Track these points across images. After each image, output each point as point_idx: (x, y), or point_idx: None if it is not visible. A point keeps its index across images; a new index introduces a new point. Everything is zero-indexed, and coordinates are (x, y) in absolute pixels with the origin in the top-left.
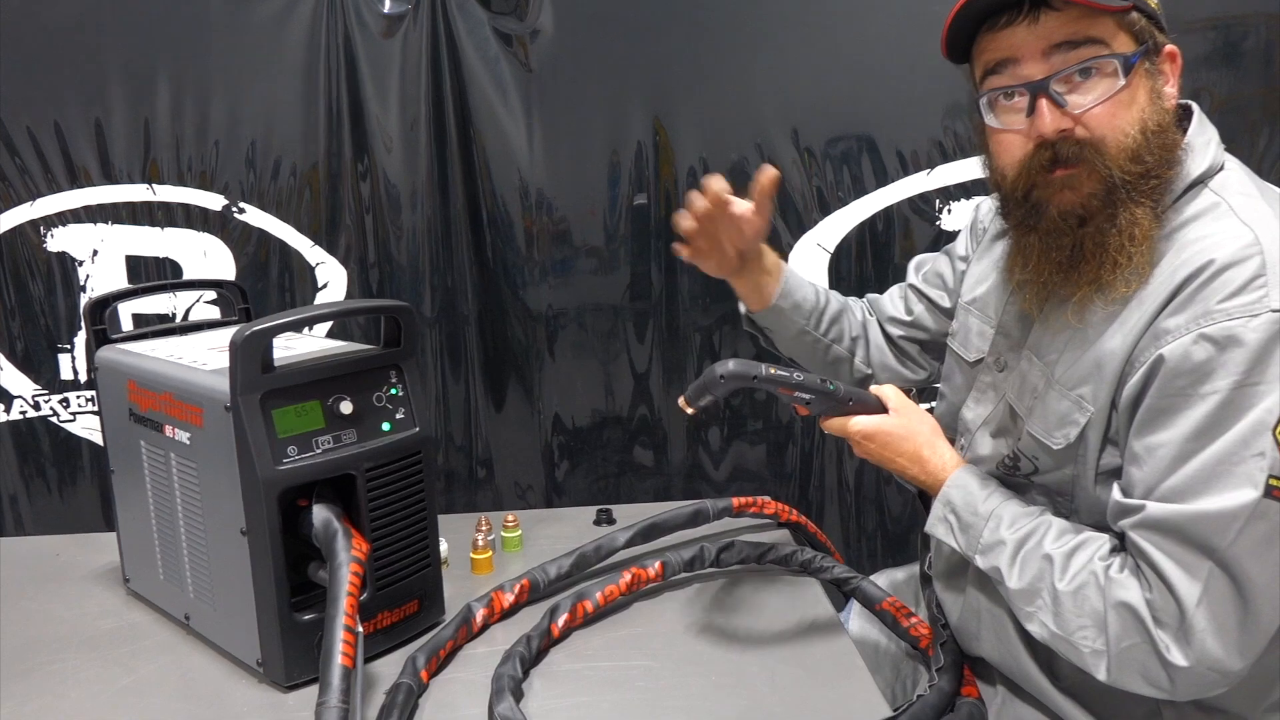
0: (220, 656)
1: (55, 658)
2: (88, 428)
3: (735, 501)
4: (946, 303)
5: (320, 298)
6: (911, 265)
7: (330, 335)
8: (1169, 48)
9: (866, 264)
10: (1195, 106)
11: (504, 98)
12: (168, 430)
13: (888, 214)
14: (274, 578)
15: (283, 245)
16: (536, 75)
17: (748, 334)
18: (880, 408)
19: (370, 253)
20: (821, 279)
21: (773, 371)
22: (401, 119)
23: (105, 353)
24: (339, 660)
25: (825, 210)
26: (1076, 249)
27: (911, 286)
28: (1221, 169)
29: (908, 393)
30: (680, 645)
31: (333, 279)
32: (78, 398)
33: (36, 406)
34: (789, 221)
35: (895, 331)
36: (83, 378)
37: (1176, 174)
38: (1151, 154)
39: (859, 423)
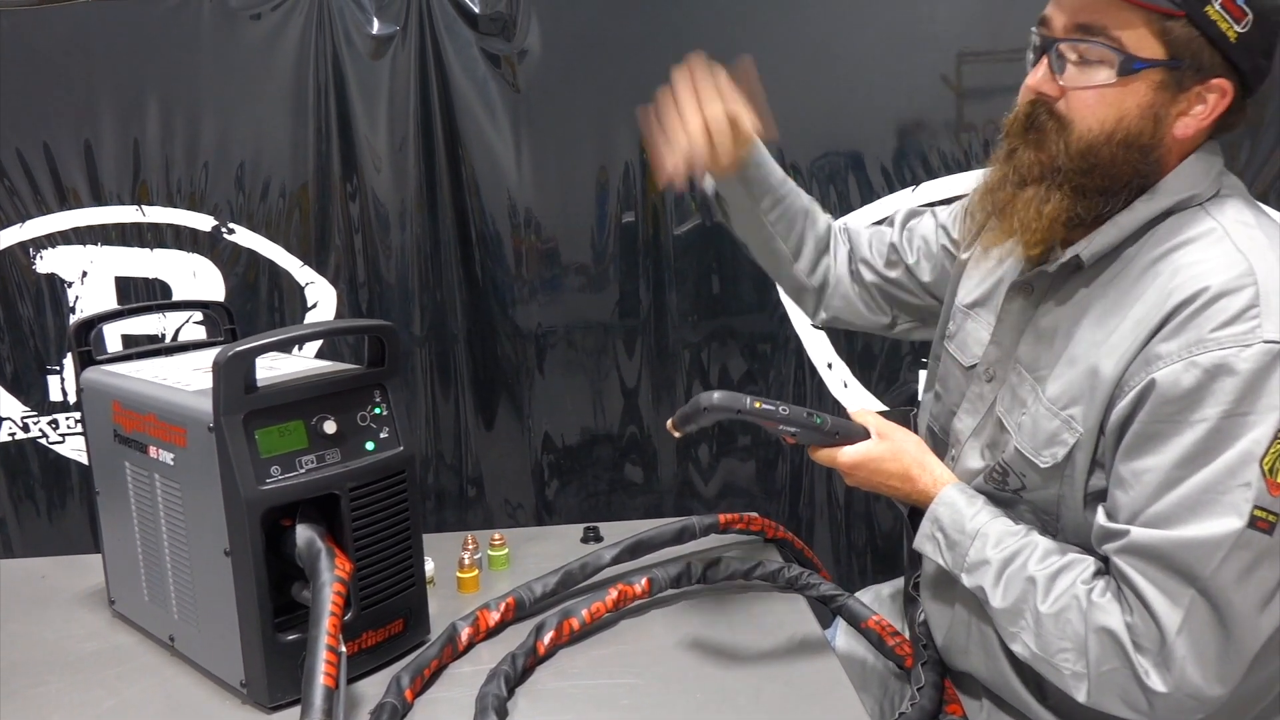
0: (204, 678)
1: (39, 681)
2: (77, 449)
3: (722, 518)
4: (926, 275)
5: (310, 317)
6: (898, 219)
7: (319, 355)
8: (1219, 81)
9: None
10: (1217, 146)
11: (492, 117)
12: (152, 451)
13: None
14: (257, 598)
15: (272, 265)
16: (524, 95)
17: (741, 351)
18: (865, 435)
19: (359, 272)
20: None
21: (757, 405)
22: (390, 139)
23: (90, 374)
24: (321, 681)
25: None
26: (1009, 202)
27: (894, 245)
28: (1217, 195)
29: (904, 420)
30: (666, 663)
31: (322, 299)
32: (67, 419)
33: (25, 428)
34: None
35: (865, 273)
36: (72, 399)
37: (1132, 192)
38: (1104, 159)
39: (847, 453)
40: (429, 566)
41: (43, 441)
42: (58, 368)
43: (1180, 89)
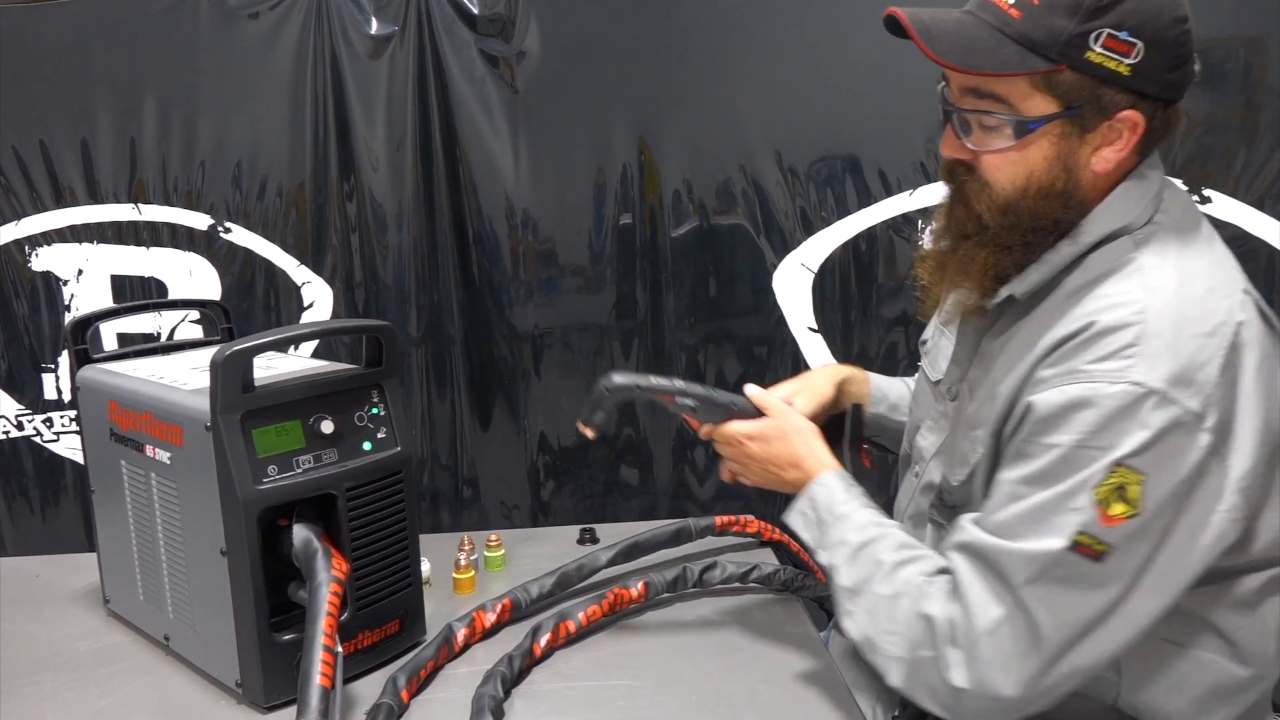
0: (199, 678)
1: (32, 680)
2: (71, 448)
3: (718, 520)
4: None
5: (306, 317)
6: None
7: (316, 355)
8: (1127, 113)
9: (850, 284)
10: (1147, 169)
11: (490, 118)
12: (148, 450)
13: (871, 234)
14: (253, 598)
15: (268, 265)
16: (522, 96)
17: (737, 354)
18: (758, 414)
19: (356, 272)
20: (806, 299)
21: (656, 381)
22: (388, 139)
23: (86, 373)
24: (317, 681)
25: (809, 230)
26: (950, 253)
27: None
28: (1151, 222)
29: (839, 426)
30: (662, 665)
31: (318, 298)
32: (61, 418)
33: (20, 426)
34: (773, 241)
35: None
36: (66, 397)
37: (1061, 235)
38: (1025, 213)
39: (737, 426)
40: (425, 567)
41: (37, 440)
42: (52, 366)
43: (1086, 130)
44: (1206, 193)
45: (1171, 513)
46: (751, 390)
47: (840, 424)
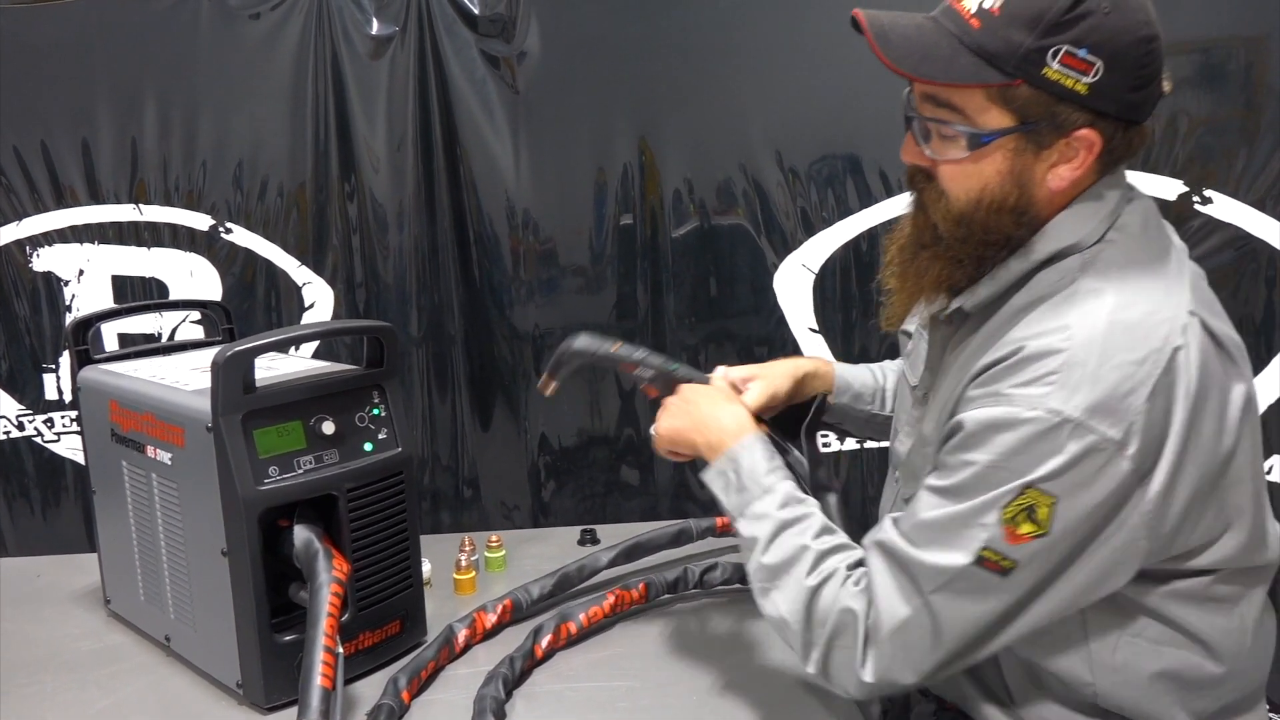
0: (200, 678)
1: (33, 680)
2: (71, 448)
3: (719, 521)
4: None
5: (307, 317)
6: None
7: (316, 355)
8: (1084, 132)
9: (851, 284)
10: (1106, 188)
11: (491, 119)
12: (149, 451)
13: (872, 234)
14: (254, 598)
15: (269, 265)
16: (523, 96)
17: (738, 353)
18: None
19: (357, 272)
20: (807, 299)
21: (617, 350)
22: (389, 139)
23: (88, 373)
24: (318, 681)
25: (810, 231)
26: (910, 261)
27: None
28: (1101, 240)
29: (805, 408)
30: (663, 666)
31: (319, 299)
32: (62, 418)
33: (20, 427)
34: (774, 242)
35: None
36: (67, 398)
37: (1012, 254)
38: (977, 226)
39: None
40: (426, 568)
41: (38, 440)
42: (53, 366)
43: (1042, 146)
44: (1207, 193)
45: (1083, 533)
46: (720, 371)
47: (797, 413)
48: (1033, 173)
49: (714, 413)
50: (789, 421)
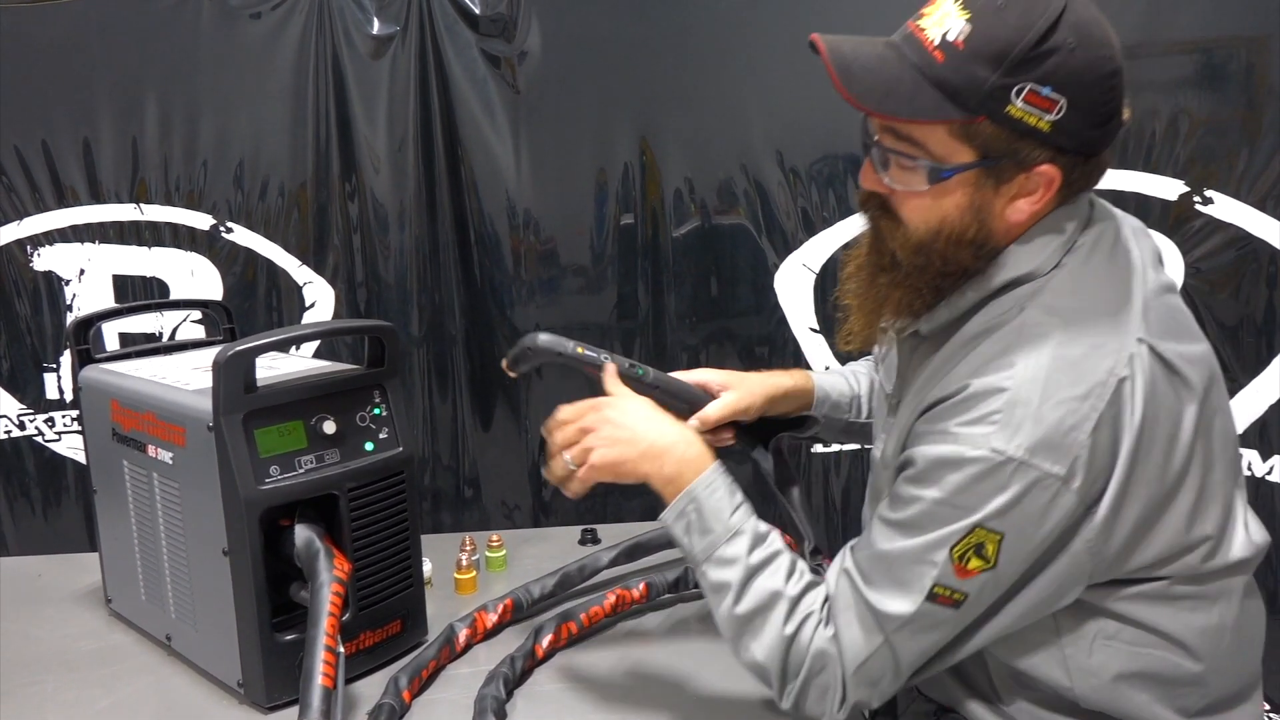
0: (201, 678)
1: (34, 680)
2: (73, 447)
3: None
4: None
5: (308, 317)
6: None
7: (317, 355)
8: (1045, 168)
9: None
10: (1064, 218)
11: (491, 118)
12: (150, 450)
13: None
14: (255, 598)
15: (270, 265)
16: (524, 96)
17: (739, 353)
18: (688, 402)
19: (358, 272)
20: (807, 299)
21: (580, 351)
22: (390, 139)
23: (89, 372)
24: (319, 681)
25: (810, 231)
26: (868, 285)
27: None
28: (1059, 265)
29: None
30: (664, 665)
31: (320, 298)
32: (63, 417)
33: (21, 426)
34: (775, 242)
35: None
36: (68, 397)
37: (969, 282)
38: (936, 256)
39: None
40: (427, 567)
41: (39, 439)
42: (54, 365)
43: (1002, 181)
44: (1208, 193)
45: (1031, 562)
46: (690, 374)
47: (765, 429)
48: (992, 206)
49: (663, 439)
50: (760, 432)
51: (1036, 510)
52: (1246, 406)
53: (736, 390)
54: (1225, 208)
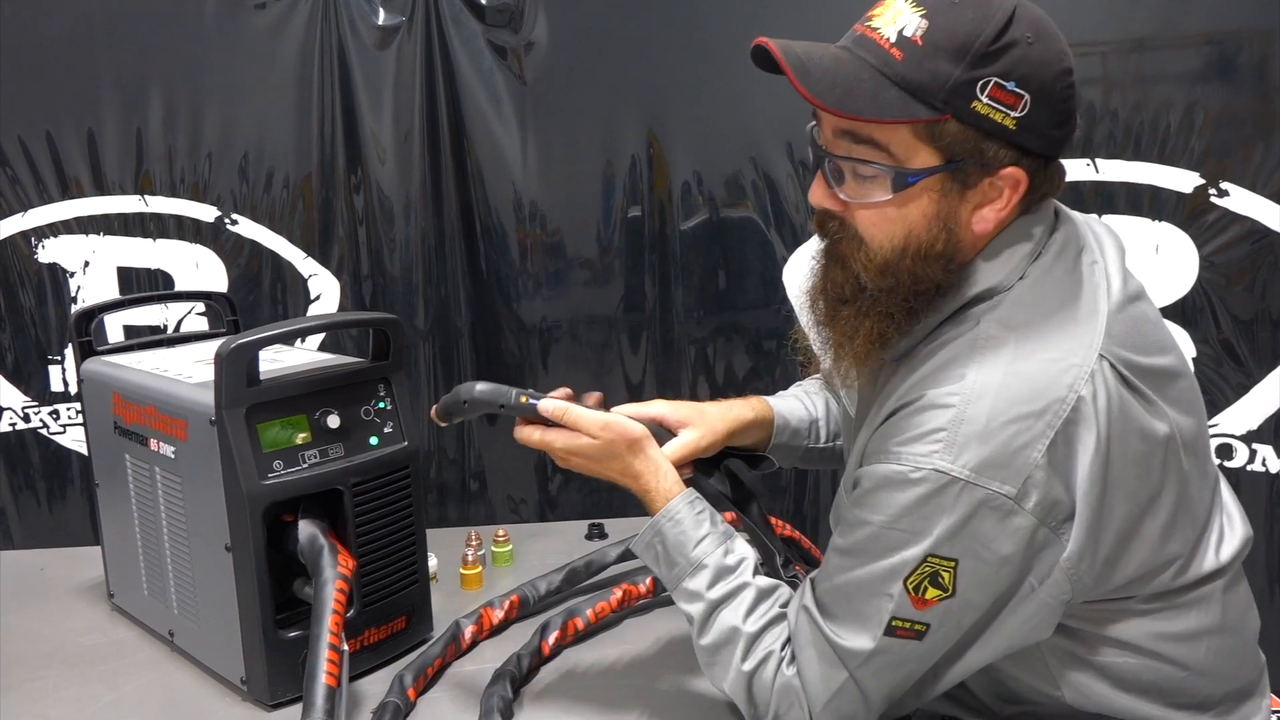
0: (204, 674)
1: (36, 675)
2: (77, 440)
3: (727, 515)
4: None
5: (313, 310)
6: None
7: (322, 348)
8: (1010, 170)
9: None
10: (1027, 226)
11: (498, 110)
12: (152, 444)
13: None
14: (258, 594)
15: (275, 257)
16: (531, 88)
17: (746, 348)
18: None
19: (363, 264)
20: None
21: (523, 401)
22: (395, 131)
23: (91, 365)
24: (323, 679)
25: None
26: (831, 317)
27: None
28: (1022, 279)
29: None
30: (672, 663)
31: (325, 291)
32: (68, 410)
33: (26, 418)
34: (783, 234)
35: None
36: (73, 390)
37: (940, 299)
38: (905, 275)
39: (572, 439)
40: (432, 563)
41: (43, 432)
42: (59, 358)
43: (968, 186)
44: (1224, 186)
45: (999, 588)
46: (643, 408)
47: (722, 459)
48: (959, 215)
49: (630, 469)
50: (716, 458)
51: (987, 532)
52: (1261, 401)
53: (697, 428)
54: (1241, 200)
